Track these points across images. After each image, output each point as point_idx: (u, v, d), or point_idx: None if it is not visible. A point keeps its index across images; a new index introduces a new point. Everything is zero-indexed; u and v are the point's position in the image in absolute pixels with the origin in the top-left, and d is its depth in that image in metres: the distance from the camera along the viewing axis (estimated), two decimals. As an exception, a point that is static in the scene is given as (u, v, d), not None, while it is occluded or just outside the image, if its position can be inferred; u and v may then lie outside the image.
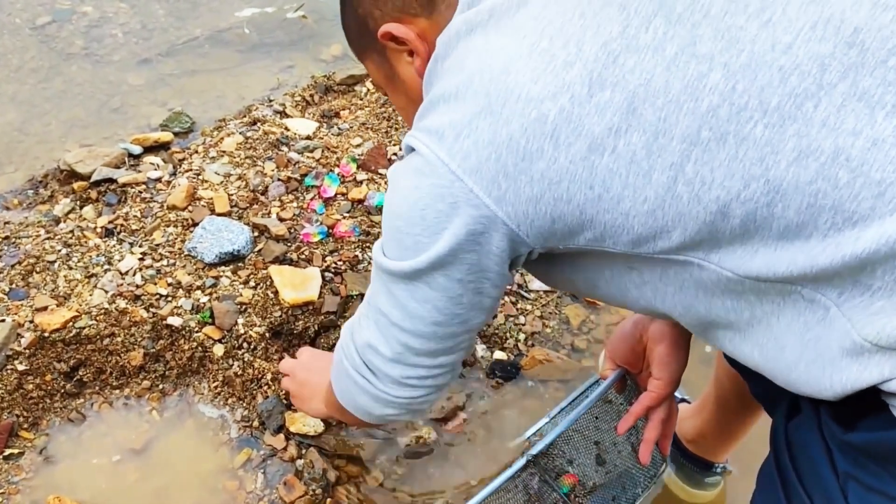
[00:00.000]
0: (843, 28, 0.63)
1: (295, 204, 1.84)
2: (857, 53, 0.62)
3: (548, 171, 0.70)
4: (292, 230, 1.77)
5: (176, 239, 1.73)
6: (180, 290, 1.64)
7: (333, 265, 1.71)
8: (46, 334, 1.52)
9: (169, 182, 1.90)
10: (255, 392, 1.53)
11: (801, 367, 0.71)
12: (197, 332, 1.58)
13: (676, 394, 1.07)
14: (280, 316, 1.61)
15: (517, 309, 1.76)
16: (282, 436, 1.48)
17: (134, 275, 1.65)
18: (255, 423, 1.50)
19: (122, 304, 1.59)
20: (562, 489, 1.15)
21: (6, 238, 1.74)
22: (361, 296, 1.67)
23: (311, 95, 2.30)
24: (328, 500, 1.41)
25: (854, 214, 0.62)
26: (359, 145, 2.03)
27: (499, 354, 1.67)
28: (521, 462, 1.09)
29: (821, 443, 0.75)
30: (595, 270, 0.82)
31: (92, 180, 1.88)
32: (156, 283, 1.64)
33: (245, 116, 2.18)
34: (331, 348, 1.68)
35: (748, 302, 0.72)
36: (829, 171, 0.62)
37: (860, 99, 0.62)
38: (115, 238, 1.74)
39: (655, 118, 0.66)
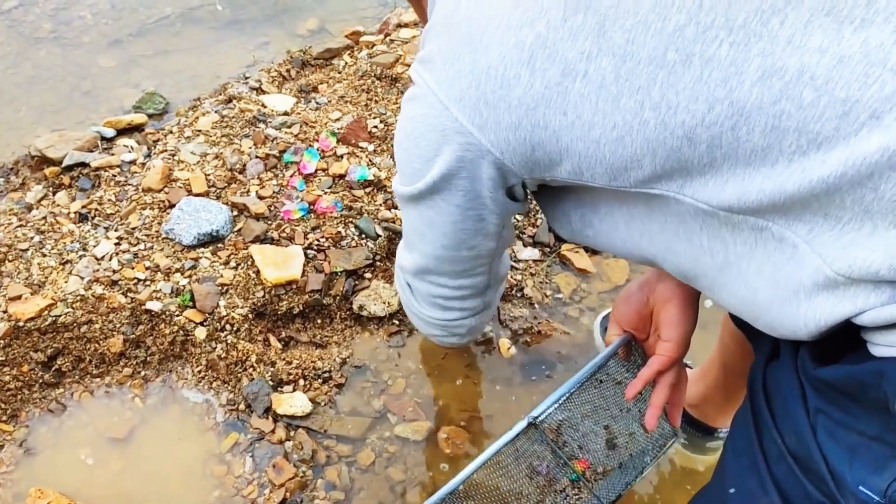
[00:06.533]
0: None
1: (274, 181, 1.79)
2: None
3: (524, 98, 0.71)
4: (272, 208, 1.72)
5: (152, 221, 1.68)
6: (159, 273, 1.59)
7: (316, 242, 1.66)
8: (21, 324, 1.47)
9: (143, 164, 1.84)
10: (240, 375, 1.49)
11: (776, 307, 0.70)
12: (177, 315, 1.53)
13: None
14: (262, 296, 1.56)
15: (507, 280, 1.72)
16: (269, 418, 1.44)
17: (110, 260, 1.60)
18: (242, 407, 1.46)
19: (98, 290, 1.54)
20: (571, 476, 1.12)
21: (-24, 227, 1.68)
22: (346, 272, 1.62)
23: (288, 70, 2.23)
24: (319, 481, 1.37)
25: (818, 136, 0.59)
26: (338, 119, 1.97)
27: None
28: (521, 424, 1.03)
29: (795, 381, 0.74)
30: (590, 205, 0.83)
31: (64, 165, 1.82)
32: (133, 268, 1.59)
33: (220, 94, 2.11)
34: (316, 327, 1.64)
35: (723, 241, 0.70)
36: (794, 90, 0.59)
37: (828, 14, 0.58)
38: (89, 223, 1.69)
39: (624, 40, 0.65)
